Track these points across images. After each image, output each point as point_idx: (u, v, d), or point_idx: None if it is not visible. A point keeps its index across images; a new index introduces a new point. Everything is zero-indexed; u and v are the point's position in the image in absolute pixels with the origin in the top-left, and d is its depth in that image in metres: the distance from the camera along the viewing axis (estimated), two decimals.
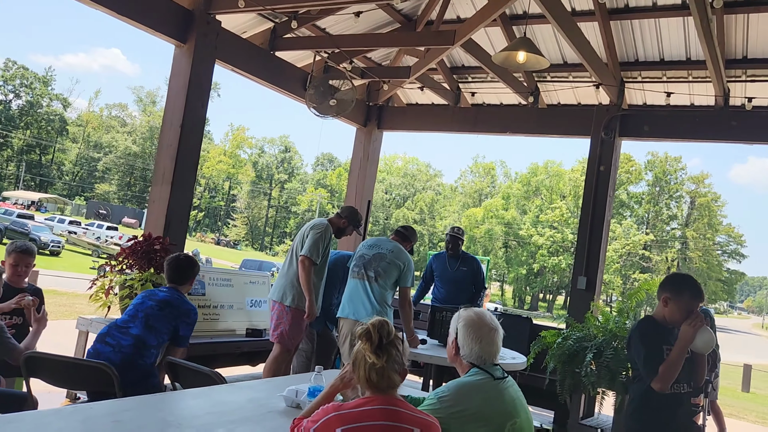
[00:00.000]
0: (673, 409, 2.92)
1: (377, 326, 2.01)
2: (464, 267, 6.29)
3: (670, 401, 2.89)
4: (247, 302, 6.36)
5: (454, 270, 6.23)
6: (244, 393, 2.81)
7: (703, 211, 55.22)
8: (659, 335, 2.92)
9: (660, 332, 2.93)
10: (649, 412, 2.90)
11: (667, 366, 2.79)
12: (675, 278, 3.11)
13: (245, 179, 73.02)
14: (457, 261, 6.30)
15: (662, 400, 2.87)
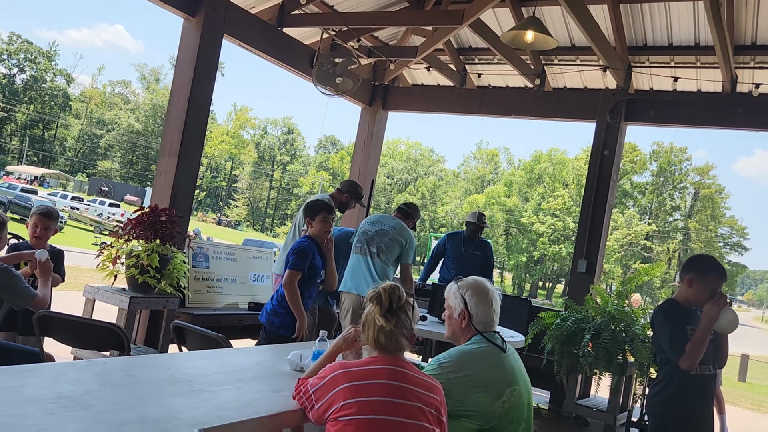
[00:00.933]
0: (700, 389, 2.96)
1: (388, 290, 2.07)
2: (478, 251, 6.38)
3: (698, 382, 2.93)
4: (251, 276, 6.44)
5: (469, 253, 6.31)
6: (251, 356, 2.88)
7: (706, 202, 55.18)
8: (683, 316, 2.96)
9: (683, 313, 2.97)
10: (678, 394, 2.93)
11: (693, 345, 2.84)
12: (700, 259, 3.13)
13: (247, 160, 72.98)
14: (473, 244, 6.38)
15: (691, 382, 2.91)
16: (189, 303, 5.60)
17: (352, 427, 1.88)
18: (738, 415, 8.26)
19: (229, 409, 2.01)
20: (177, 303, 5.19)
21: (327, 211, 4.31)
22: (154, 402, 1.97)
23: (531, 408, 2.45)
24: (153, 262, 4.88)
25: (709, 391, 3.04)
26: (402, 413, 1.90)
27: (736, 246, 57.36)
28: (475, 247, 6.38)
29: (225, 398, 2.12)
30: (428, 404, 1.97)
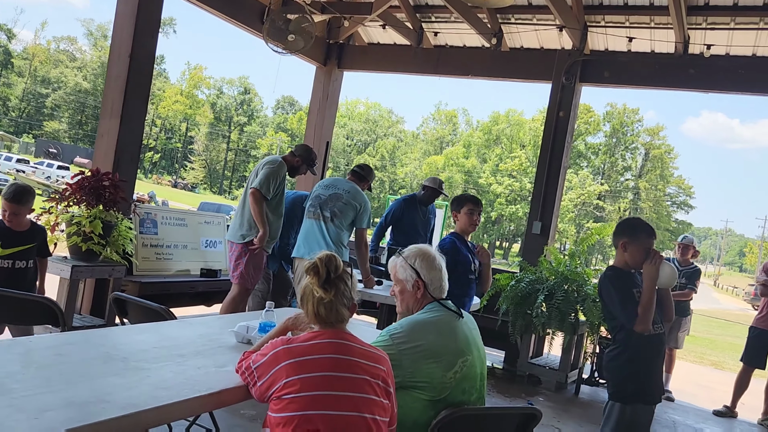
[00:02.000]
0: (654, 349, 3.00)
1: (324, 260, 1.97)
2: (432, 215, 6.33)
3: (651, 341, 2.97)
4: (202, 242, 6.26)
5: (424, 217, 6.20)
6: (195, 329, 2.77)
7: (656, 162, 56.67)
8: (627, 281, 2.99)
9: (626, 278, 3.01)
10: (635, 357, 2.96)
11: (643, 307, 2.87)
12: (628, 222, 3.18)
13: (203, 121, 71.14)
14: (427, 209, 6.30)
15: (645, 342, 2.94)
16: (137, 271, 5.42)
17: (296, 405, 1.81)
18: (681, 368, 8.59)
19: (166, 389, 1.90)
20: (123, 271, 5.00)
21: (473, 203, 4.09)
22: (83, 383, 1.85)
23: (484, 378, 2.41)
24: (96, 228, 4.67)
25: (662, 348, 3.10)
26: (347, 387, 1.84)
27: (682, 204, 59.35)
28: (428, 212, 6.31)
29: (163, 376, 2.01)
30: (375, 376, 1.91)
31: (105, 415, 1.63)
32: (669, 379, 6.30)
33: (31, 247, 3.62)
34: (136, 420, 1.69)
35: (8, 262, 3.56)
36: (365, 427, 1.82)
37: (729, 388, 5.94)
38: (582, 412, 5.23)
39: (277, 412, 1.83)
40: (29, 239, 3.64)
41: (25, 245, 3.49)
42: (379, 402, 1.89)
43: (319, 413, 1.79)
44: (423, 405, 2.23)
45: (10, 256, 3.50)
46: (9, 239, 3.46)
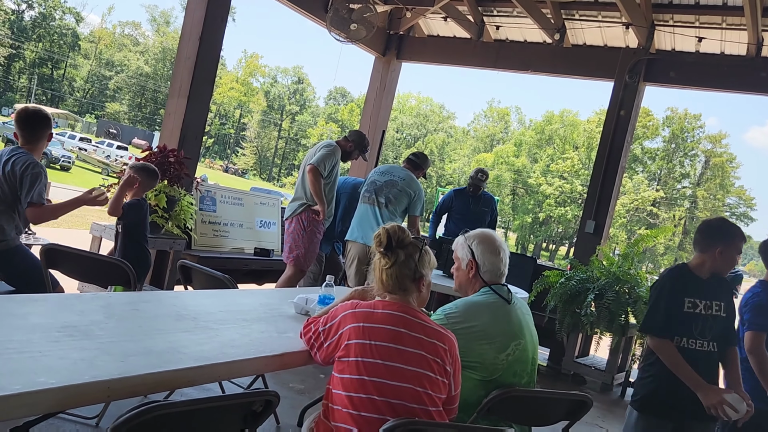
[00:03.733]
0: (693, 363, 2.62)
1: (389, 229, 2.05)
2: (485, 207, 6.38)
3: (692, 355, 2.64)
4: (257, 222, 6.44)
5: (477, 209, 6.31)
6: (256, 298, 2.88)
7: (716, 171, 54.64)
8: (686, 285, 2.69)
9: (689, 281, 2.71)
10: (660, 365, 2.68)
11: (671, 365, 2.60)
12: (720, 227, 2.79)
13: (256, 108, 72.37)
14: (479, 201, 6.37)
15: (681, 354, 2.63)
16: (195, 245, 5.62)
17: (353, 369, 1.89)
18: None
19: (234, 347, 2.01)
20: (183, 245, 5.20)
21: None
22: (159, 336, 1.97)
23: (535, 362, 2.45)
24: (160, 202, 4.87)
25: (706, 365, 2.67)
26: (403, 359, 1.90)
27: (742, 216, 57.04)
28: (482, 203, 6.36)
29: (230, 336, 2.13)
30: (433, 353, 1.95)
31: (182, 364, 1.74)
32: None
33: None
34: (209, 372, 1.81)
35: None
36: (417, 399, 1.87)
37: None
38: None
39: (339, 373, 1.92)
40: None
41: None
42: (435, 379, 1.93)
43: (372, 380, 1.86)
44: (474, 384, 2.29)
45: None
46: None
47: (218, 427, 1.62)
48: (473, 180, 6.39)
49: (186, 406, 1.44)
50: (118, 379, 1.52)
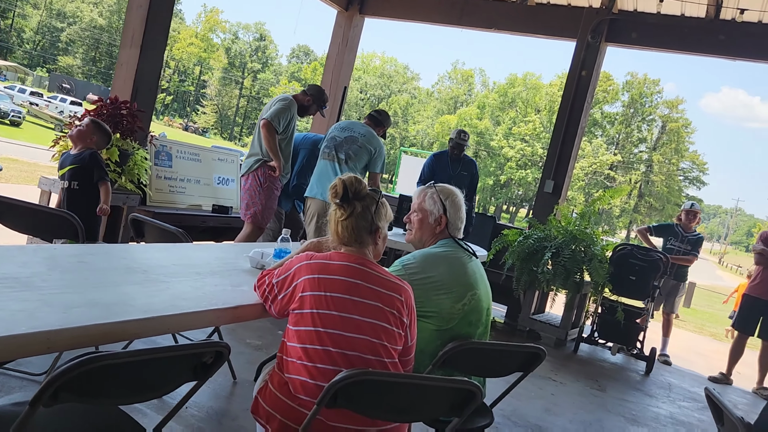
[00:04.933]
0: None
1: (345, 179, 2.01)
2: (465, 171, 6.14)
3: None
4: (215, 179, 6.30)
5: (456, 173, 6.13)
6: (211, 252, 2.82)
7: (672, 136, 55.94)
8: None
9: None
10: None
11: None
12: None
13: (217, 65, 70.46)
14: (459, 164, 6.19)
15: None
16: (150, 201, 5.48)
17: (308, 321, 1.86)
18: (681, 336, 8.69)
19: (186, 299, 1.96)
20: (137, 200, 5.06)
21: None
22: (106, 288, 1.90)
23: (490, 312, 2.47)
24: (112, 156, 4.71)
25: None
26: (358, 311, 1.88)
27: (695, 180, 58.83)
28: (462, 166, 6.21)
29: (181, 289, 2.07)
30: (389, 304, 1.94)
31: (128, 316, 1.68)
32: (667, 343, 6.39)
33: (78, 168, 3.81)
34: (158, 324, 1.75)
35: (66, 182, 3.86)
36: (373, 351, 1.86)
37: (725, 357, 6.03)
38: (579, 368, 5.33)
39: (293, 326, 1.89)
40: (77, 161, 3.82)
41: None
42: (391, 330, 1.92)
43: (327, 332, 1.84)
44: (430, 334, 2.30)
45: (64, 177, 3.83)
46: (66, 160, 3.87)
47: (167, 379, 1.58)
48: (456, 140, 6.07)
49: (131, 357, 1.39)
50: (59, 331, 1.46)
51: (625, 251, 5.75)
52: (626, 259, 5.69)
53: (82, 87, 51.42)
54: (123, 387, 1.47)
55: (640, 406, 4.60)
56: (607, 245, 5.90)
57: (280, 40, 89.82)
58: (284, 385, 1.90)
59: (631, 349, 5.85)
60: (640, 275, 5.63)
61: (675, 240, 6.27)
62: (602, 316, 5.86)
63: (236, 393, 3.34)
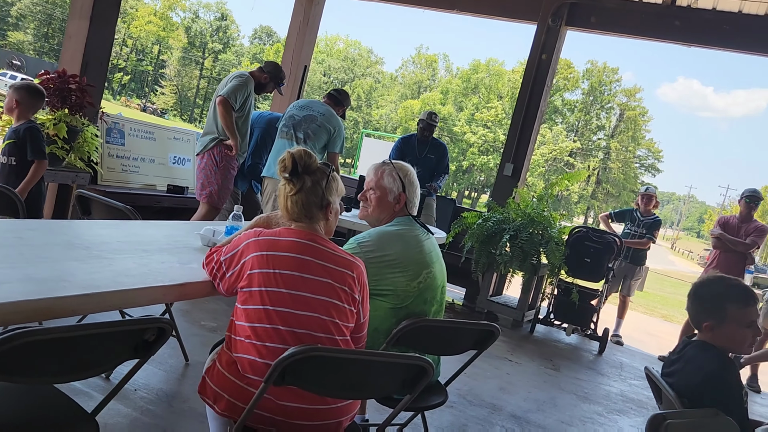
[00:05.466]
0: None
1: (294, 153, 1.95)
2: (431, 155, 6.15)
3: None
4: (170, 158, 6.15)
5: (422, 156, 6.12)
6: (161, 230, 2.73)
7: (629, 124, 57.17)
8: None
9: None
10: None
11: None
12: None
13: (176, 45, 68.72)
14: (426, 147, 6.17)
15: None
16: (101, 180, 5.31)
17: (257, 299, 1.81)
18: (633, 317, 8.92)
19: (129, 276, 1.88)
20: (87, 179, 4.90)
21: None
22: (43, 264, 1.81)
23: (444, 290, 2.46)
24: (60, 132, 4.54)
25: None
26: (309, 288, 1.83)
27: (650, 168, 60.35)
28: (429, 149, 6.15)
29: (125, 266, 1.99)
30: (341, 281, 1.90)
31: (65, 292, 1.60)
32: (620, 324, 6.54)
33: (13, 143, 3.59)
34: (97, 300, 1.67)
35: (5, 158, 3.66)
36: (323, 329, 1.82)
37: (675, 337, 6.20)
38: (535, 349, 5.41)
39: (242, 304, 1.84)
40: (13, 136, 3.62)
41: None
42: (342, 307, 1.89)
43: (276, 310, 1.79)
44: (385, 312, 2.27)
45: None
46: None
47: (104, 357, 1.52)
48: (427, 121, 6.09)
49: (62, 333, 1.32)
50: None
51: (580, 234, 5.84)
52: (582, 241, 5.78)
53: (33, 64, 49.46)
54: (55, 365, 1.40)
55: (592, 385, 4.69)
56: (563, 228, 5.98)
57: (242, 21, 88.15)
58: (232, 365, 1.85)
59: (585, 329, 5.96)
60: (595, 257, 5.72)
61: (632, 224, 6.41)
62: (558, 297, 5.95)
63: (188, 375, 3.27)
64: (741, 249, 5.74)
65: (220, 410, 1.82)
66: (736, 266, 5.77)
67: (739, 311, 2.00)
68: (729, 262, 5.79)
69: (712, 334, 2.02)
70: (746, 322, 2.00)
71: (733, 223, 5.91)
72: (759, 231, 5.76)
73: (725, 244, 5.81)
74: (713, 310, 2.03)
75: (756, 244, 5.73)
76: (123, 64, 65.60)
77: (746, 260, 5.81)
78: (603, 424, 3.91)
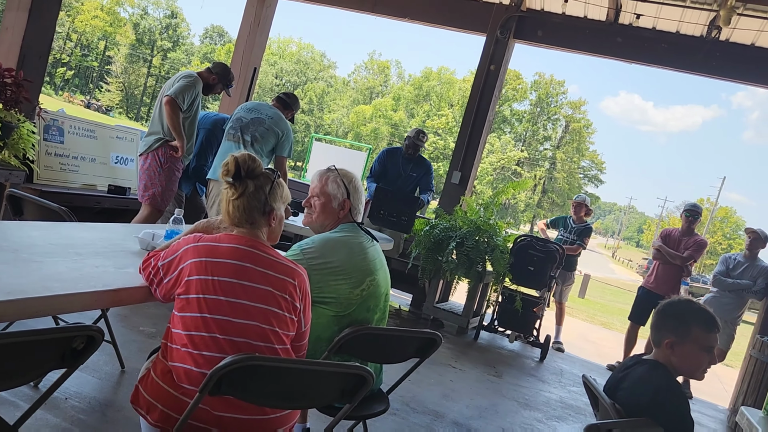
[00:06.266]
0: None
1: (238, 157, 1.92)
2: (414, 173, 6.10)
3: None
4: (112, 158, 5.96)
5: (405, 174, 6.07)
6: (97, 232, 2.64)
7: (574, 135, 58.84)
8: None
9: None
10: None
11: None
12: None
13: (123, 41, 66.84)
14: (410, 164, 6.11)
15: None
16: (38, 179, 5.11)
17: (195, 307, 1.77)
18: (574, 324, 9.15)
19: (59, 281, 1.80)
20: (22, 177, 4.69)
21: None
22: None
23: (388, 298, 2.46)
24: None
25: None
26: (248, 296, 1.79)
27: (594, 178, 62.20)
28: (413, 167, 6.11)
29: (56, 270, 1.91)
30: (281, 289, 1.87)
31: None
32: (560, 331, 6.69)
33: None
34: (21, 306, 1.59)
35: None
36: (263, 337, 1.79)
37: (614, 344, 6.39)
38: (479, 356, 5.48)
39: (179, 311, 1.79)
40: None
41: None
42: (282, 315, 1.85)
43: (215, 318, 1.75)
44: (327, 320, 2.26)
45: None
46: None
47: (28, 365, 1.45)
48: (414, 140, 5.99)
49: None
50: None
51: (524, 242, 5.95)
52: (525, 250, 5.89)
53: None
54: None
55: (533, 391, 4.78)
56: (509, 236, 6.08)
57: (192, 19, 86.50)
58: (167, 374, 1.80)
59: (527, 336, 6.07)
60: (538, 266, 5.84)
61: (564, 231, 6.60)
62: (502, 304, 6.04)
63: (124, 383, 3.16)
64: (679, 262, 5.97)
65: (153, 421, 1.77)
66: (674, 278, 5.99)
67: (701, 333, 2.05)
68: (667, 273, 6.01)
69: (671, 351, 2.06)
70: (706, 346, 2.05)
71: (674, 236, 6.13)
72: (698, 245, 5.99)
73: (665, 256, 6.03)
74: (678, 327, 2.06)
75: (693, 258, 5.95)
76: (66, 58, 63.41)
77: (683, 273, 6.03)
78: (542, 430, 3.99)
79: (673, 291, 5.89)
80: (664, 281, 6.00)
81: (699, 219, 6.17)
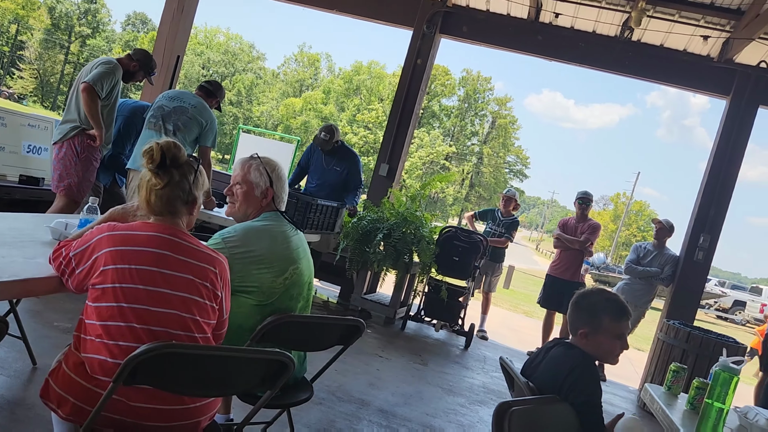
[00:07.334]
0: None
1: (162, 144, 1.87)
2: (338, 167, 5.94)
3: None
4: (24, 146, 5.66)
5: (328, 168, 5.94)
6: (5, 222, 2.52)
7: (500, 131, 60.41)
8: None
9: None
10: None
11: None
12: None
13: (38, 25, 63.19)
14: (333, 158, 5.94)
15: None
16: None
17: (111, 296, 1.72)
18: (497, 313, 9.43)
19: None
20: None
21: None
22: None
23: (311, 286, 2.47)
24: None
25: None
26: (168, 284, 1.76)
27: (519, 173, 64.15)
28: (336, 161, 5.94)
29: None
30: (202, 277, 1.85)
31: None
32: (485, 320, 6.90)
33: None
34: None
35: None
36: (183, 326, 1.76)
37: (535, 332, 6.64)
38: (405, 345, 5.56)
39: (93, 302, 1.74)
40: None
41: None
42: (203, 304, 1.83)
43: (132, 307, 1.71)
44: (249, 309, 2.25)
45: None
46: None
47: None
48: (318, 137, 5.86)
49: None
50: None
51: (449, 233, 6.09)
52: (451, 240, 6.03)
53: None
54: None
55: (457, 378, 4.91)
56: (435, 228, 6.20)
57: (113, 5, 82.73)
58: (80, 366, 1.75)
59: (453, 325, 6.22)
60: (463, 256, 5.99)
61: (493, 223, 6.81)
62: (428, 295, 6.16)
63: (35, 380, 3.03)
64: (578, 246, 6.36)
65: (65, 415, 1.71)
66: (576, 260, 6.41)
67: (612, 323, 2.16)
68: (569, 258, 6.42)
69: (585, 341, 2.17)
70: (617, 333, 2.17)
71: (571, 224, 6.53)
72: (592, 228, 6.45)
73: (564, 243, 6.37)
74: (590, 319, 2.18)
75: (589, 240, 6.39)
76: None
77: (584, 255, 6.40)
78: (465, 414, 4.11)
79: (575, 274, 6.33)
80: (567, 266, 6.39)
81: (590, 205, 6.66)
